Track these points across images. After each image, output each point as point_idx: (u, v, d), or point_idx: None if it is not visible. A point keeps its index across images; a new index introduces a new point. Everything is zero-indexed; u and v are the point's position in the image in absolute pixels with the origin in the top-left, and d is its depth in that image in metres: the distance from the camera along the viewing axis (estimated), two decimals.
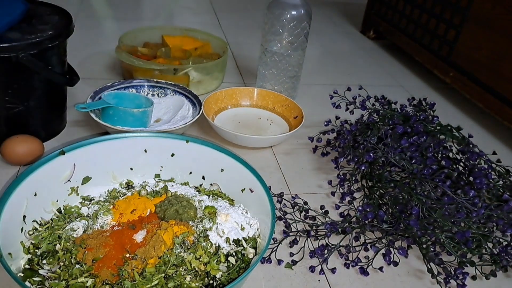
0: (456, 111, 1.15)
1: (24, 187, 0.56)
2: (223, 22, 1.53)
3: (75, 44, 0.91)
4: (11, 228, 0.53)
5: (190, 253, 0.55)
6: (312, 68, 1.24)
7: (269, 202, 0.59)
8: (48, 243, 0.55)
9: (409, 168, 0.72)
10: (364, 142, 0.77)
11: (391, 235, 0.67)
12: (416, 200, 0.66)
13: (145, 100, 0.84)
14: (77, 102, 0.87)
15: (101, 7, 1.52)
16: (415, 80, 1.30)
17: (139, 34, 1.12)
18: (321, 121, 0.93)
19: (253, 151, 0.86)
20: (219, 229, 0.59)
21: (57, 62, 0.75)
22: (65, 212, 0.62)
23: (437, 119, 0.85)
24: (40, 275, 0.52)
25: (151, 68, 0.96)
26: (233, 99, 0.98)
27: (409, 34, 1.32)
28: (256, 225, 0.62)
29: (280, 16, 0.93)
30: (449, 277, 0.62)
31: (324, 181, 0.81)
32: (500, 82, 0.99)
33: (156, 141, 0.68)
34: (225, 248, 0.57)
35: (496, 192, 0.72)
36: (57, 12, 0.79)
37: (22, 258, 0.54)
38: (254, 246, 0.59)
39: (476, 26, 1.07)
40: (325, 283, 0.61)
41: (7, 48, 0.66)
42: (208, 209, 0.62)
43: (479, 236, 0.64)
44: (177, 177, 0.71)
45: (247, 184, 0.65)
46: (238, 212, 0.62)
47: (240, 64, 1.23)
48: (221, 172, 0.68)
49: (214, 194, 0.67)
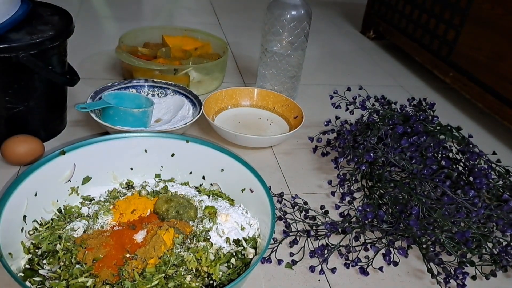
0: (456, 111, 1.15)
1: (24, 187, 0.56)
2: (223, 22, 1.53)
3: (76, 44, 0.91)
4: (11, 228, 0.53)
5: (190, 253, 0.55)
6: (312, 68, 1.24)
7: (269, 202, 0.59)
8: (48, 243, 0.55)
9: (409, 168, 0.72)
10: (364, 142, 0.77)
11: (391, 235, 0.67)
12: (416, 200, 0.66)
13: (146, 100, 0.84)
14: (78, 102, 0.87)
15: (101, 7, 1.52)
16: (415, 80, 1.30)
17: (139, 34, 1.12)
18: (321, 121, 0.93)
19: (253, 151, 0.86)
20: (219, 229, 0.59)
21: (57, 62, 0.75)
22: (65, 212, 0.62)
23: (437, 119, 0.85)
24: (40, 275, 0.52)
25: (151, 68, 0.96)
26: (233, 99, 0.98)
27: (409, 34, 1.32)
28: (256, 225, 0.62)
29: (280, 16, 0.93)
30: (449, 277, 0.62)
31: (324, 181, 0.81)
32: (500, 82, 0.99)
33: (156, 141, 0.68)
34: (225, 248, 0.57)
35: (496, 192, 0.72)
36: (57, 13, 0.79)
37: (22, 258, 0.54)
38: (254, 246, 0.59)
39: (476, 26, 1.07)
40: (325, 283, 0.61)
41: (8, 48, 0.66)
42: (208, 209, 0.62)
43: (479, 236, 0.64)
44: (177, 177, 0.71)
45: (247, 184, 0.65)
46: (238, 212, 0.62)
47: (240, 64, 1.23)
48: (221, 172, 0.68)
49: (214, 194, 0.67)
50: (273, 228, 0.55)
